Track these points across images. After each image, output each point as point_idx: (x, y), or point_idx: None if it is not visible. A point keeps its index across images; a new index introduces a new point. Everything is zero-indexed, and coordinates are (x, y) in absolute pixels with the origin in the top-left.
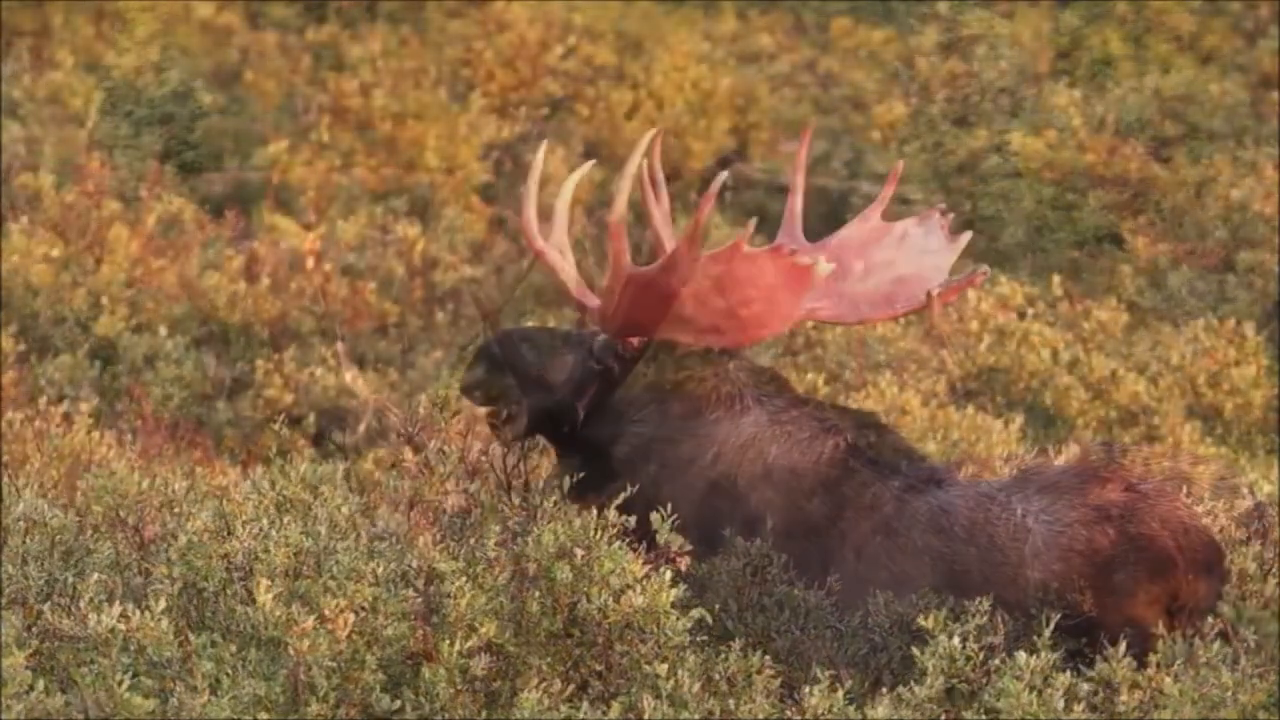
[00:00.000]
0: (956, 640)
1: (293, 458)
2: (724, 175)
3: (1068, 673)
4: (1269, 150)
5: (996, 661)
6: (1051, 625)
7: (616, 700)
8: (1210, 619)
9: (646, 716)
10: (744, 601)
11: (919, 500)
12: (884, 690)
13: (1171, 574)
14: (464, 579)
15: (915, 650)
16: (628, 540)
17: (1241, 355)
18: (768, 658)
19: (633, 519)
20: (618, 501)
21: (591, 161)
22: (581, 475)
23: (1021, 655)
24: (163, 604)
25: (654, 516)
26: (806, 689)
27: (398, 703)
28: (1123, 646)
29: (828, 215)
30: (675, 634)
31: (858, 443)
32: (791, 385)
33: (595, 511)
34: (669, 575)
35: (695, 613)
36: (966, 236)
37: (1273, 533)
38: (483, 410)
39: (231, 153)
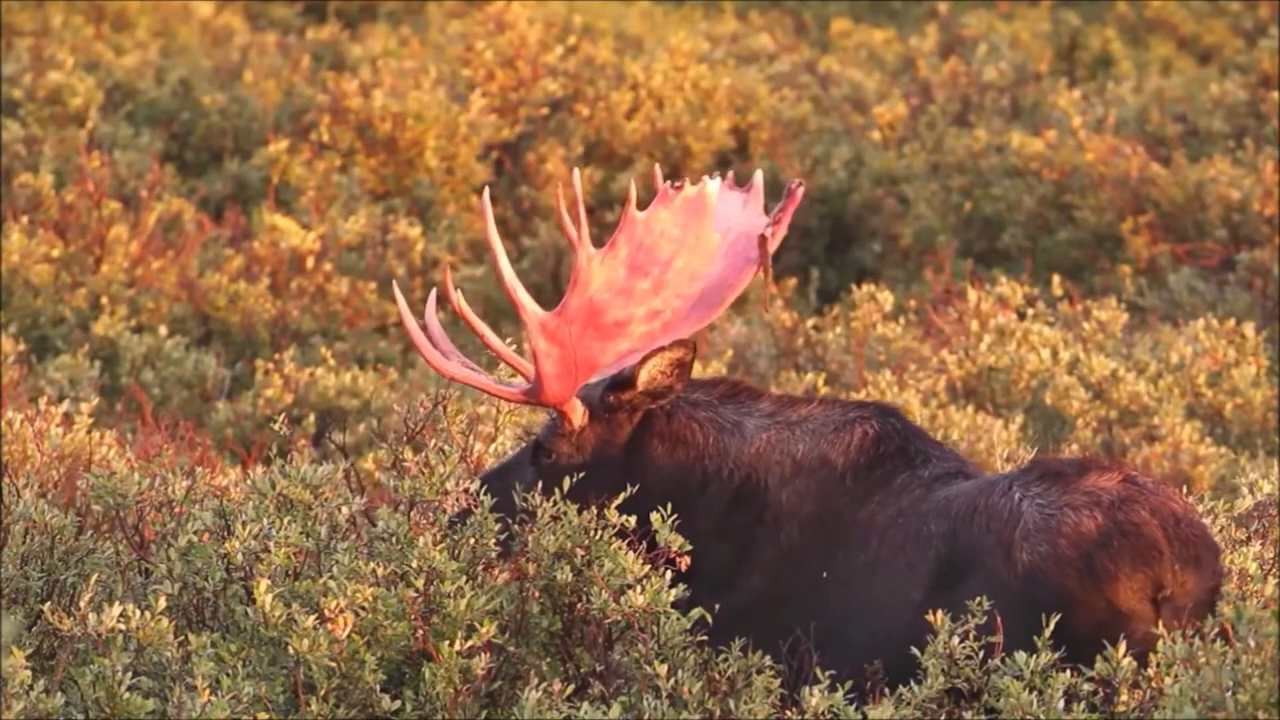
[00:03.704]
0: (956, 640)
1: (293, 458)
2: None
3: (1068, 672)
4: (1269, 150)
5: (996, 661)
6: (1052, 625)
7: (616, 700)
8: (1210, 619)
9: (646, 717)
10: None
11: (943, 490)
12: (884, 690)
13: (1156, 562)
14: (464, 579)
15: (915, 650)
16: (628, 540)
17: (1241, 355)
18: (768, 658)
19: (633, 519)
20: (618, 502)
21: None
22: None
23: (1021, 655)
24: (163, 604)
25: (654, 516)
26: (806, 689)
27: (398, 703)
28: (1123, 646)
29: (828, 215)
30: (675, 634)
31: (884, 430)
32: (744, 381)
33: (595, 511)
34: (669, 575)
35: (695, 612)
36: (758, 177)
37: (1273, 533)
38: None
39: (231, 153)
